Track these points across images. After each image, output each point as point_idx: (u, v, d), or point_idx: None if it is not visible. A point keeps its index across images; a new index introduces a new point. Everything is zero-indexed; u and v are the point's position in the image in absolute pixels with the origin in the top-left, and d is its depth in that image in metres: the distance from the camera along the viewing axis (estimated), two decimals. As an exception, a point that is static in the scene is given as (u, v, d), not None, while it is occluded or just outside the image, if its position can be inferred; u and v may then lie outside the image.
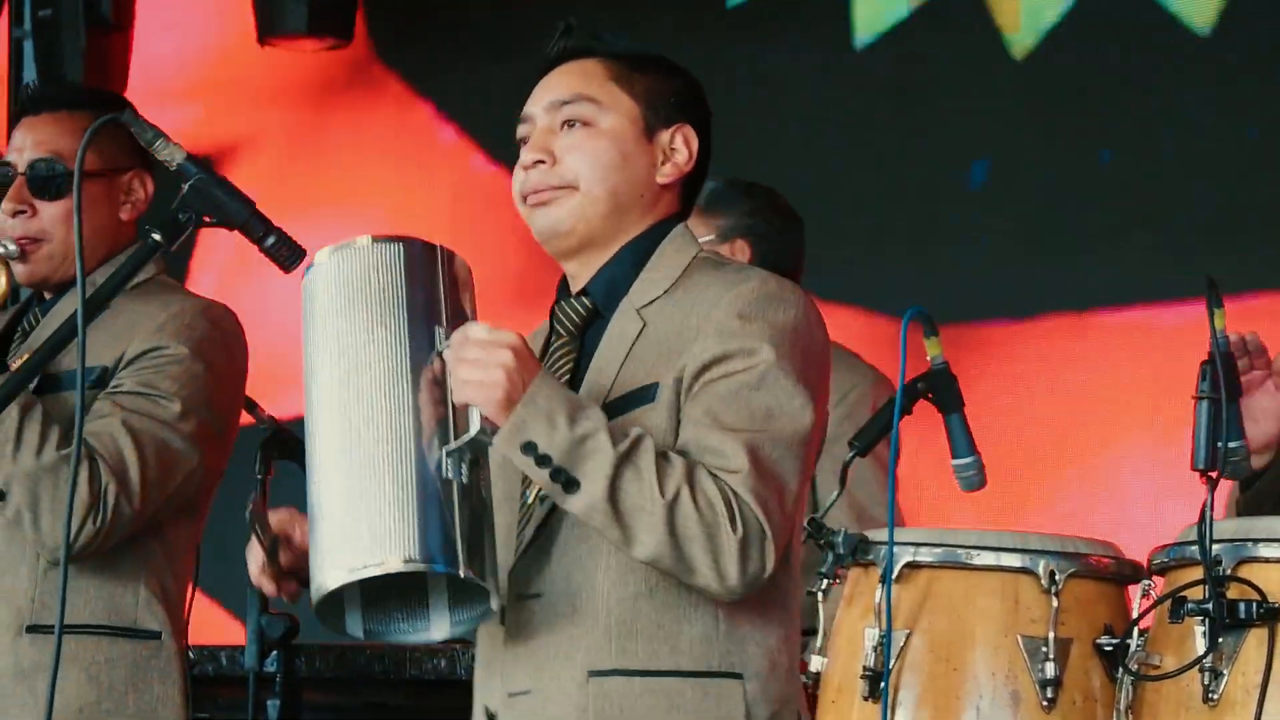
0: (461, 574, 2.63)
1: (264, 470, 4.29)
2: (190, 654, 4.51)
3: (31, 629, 3.45)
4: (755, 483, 2.71)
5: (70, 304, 3.34)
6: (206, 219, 2.73)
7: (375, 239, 2.70)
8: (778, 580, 2.78)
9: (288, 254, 2.75)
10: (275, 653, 4.12)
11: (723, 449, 2.73)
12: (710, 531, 2.69)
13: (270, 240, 2.74)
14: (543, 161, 2.87)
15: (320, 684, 4.73)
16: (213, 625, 4.16)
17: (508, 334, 2.69)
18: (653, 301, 2.87)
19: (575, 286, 2.93)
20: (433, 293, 2.72)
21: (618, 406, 2.80)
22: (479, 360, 2.66)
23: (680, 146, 2.93)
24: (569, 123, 2.88)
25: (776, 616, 2.85)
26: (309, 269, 2.74)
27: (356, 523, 2.63)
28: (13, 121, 3.57)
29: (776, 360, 2.77)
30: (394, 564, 2.61)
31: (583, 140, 2.88)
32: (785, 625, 2.86)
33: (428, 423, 2.66)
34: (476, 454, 2.69)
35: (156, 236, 2.70)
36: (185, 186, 2.71)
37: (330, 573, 2.64)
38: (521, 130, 2.92)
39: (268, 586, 2.82)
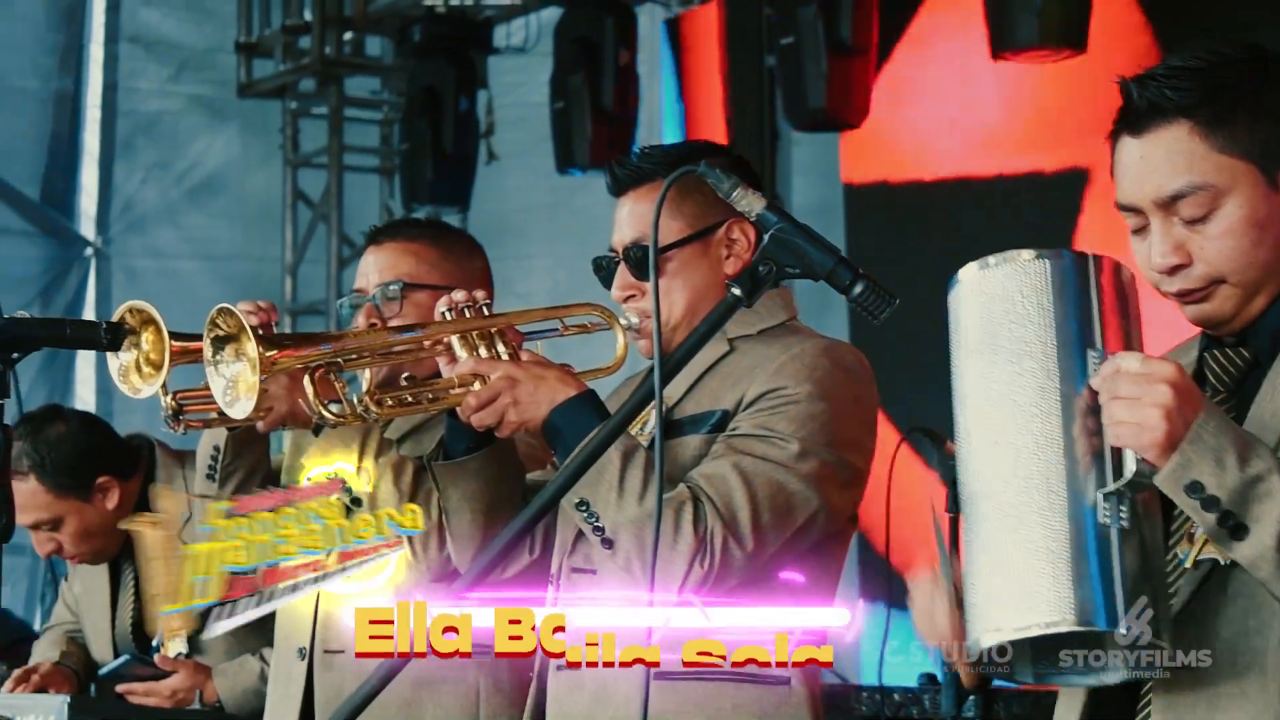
0: (1121, 629, 2.45)
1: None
2: (895, 696, 4.45)
3: (660, 676, 3.38)
4: None
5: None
6: (789, 270, 2.62)
7: (1030, 253, 2.53)
8: None
9: (877, 302, 2.60)
10: (973, 698, 4.02)
11: None
12: None
13: (858, 289, 2.60)
14: (1181, 265, 2.65)
15: (1018, 728, 4.63)
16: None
17: (1164, 365, 2.47)
18: None
19: (1220, 330, 2.70)
20: (1085, 312, 2.52)
21: None
22: (1133, 398, 2.45)
23: None
24: (1192, 219, 2.64)
25: None
26: (952, 285, 2.60)
27: (1004, 578, 2.49)
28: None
29: None
30: (1040, 625, 2.46)
31: (1215, 235, 2.63)
32: None
33: (1082, 461, 2.48)
34: (1137, 493, 2.50)
35: (736, 291, 2.62)
36: (766, 237, 2.61)
37: (981, 633, 2.52)
38: (1131, 220, 2.69)
39: (954, 651, 2.72)
